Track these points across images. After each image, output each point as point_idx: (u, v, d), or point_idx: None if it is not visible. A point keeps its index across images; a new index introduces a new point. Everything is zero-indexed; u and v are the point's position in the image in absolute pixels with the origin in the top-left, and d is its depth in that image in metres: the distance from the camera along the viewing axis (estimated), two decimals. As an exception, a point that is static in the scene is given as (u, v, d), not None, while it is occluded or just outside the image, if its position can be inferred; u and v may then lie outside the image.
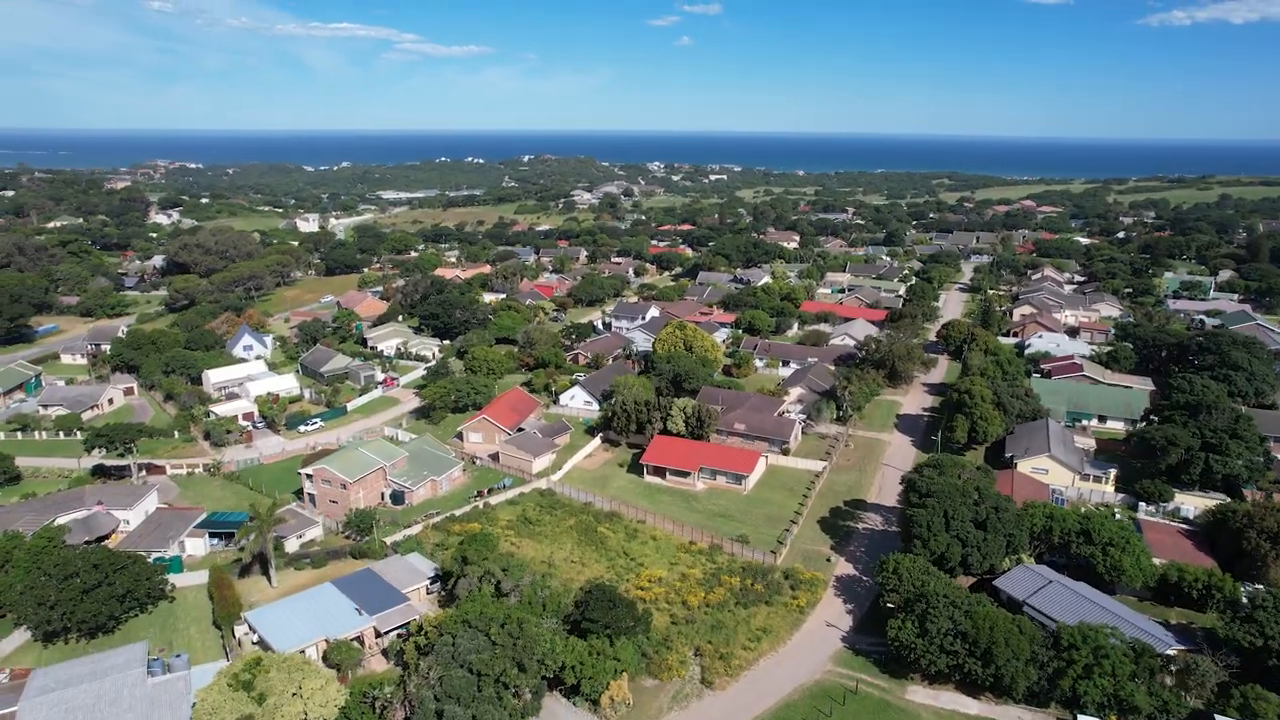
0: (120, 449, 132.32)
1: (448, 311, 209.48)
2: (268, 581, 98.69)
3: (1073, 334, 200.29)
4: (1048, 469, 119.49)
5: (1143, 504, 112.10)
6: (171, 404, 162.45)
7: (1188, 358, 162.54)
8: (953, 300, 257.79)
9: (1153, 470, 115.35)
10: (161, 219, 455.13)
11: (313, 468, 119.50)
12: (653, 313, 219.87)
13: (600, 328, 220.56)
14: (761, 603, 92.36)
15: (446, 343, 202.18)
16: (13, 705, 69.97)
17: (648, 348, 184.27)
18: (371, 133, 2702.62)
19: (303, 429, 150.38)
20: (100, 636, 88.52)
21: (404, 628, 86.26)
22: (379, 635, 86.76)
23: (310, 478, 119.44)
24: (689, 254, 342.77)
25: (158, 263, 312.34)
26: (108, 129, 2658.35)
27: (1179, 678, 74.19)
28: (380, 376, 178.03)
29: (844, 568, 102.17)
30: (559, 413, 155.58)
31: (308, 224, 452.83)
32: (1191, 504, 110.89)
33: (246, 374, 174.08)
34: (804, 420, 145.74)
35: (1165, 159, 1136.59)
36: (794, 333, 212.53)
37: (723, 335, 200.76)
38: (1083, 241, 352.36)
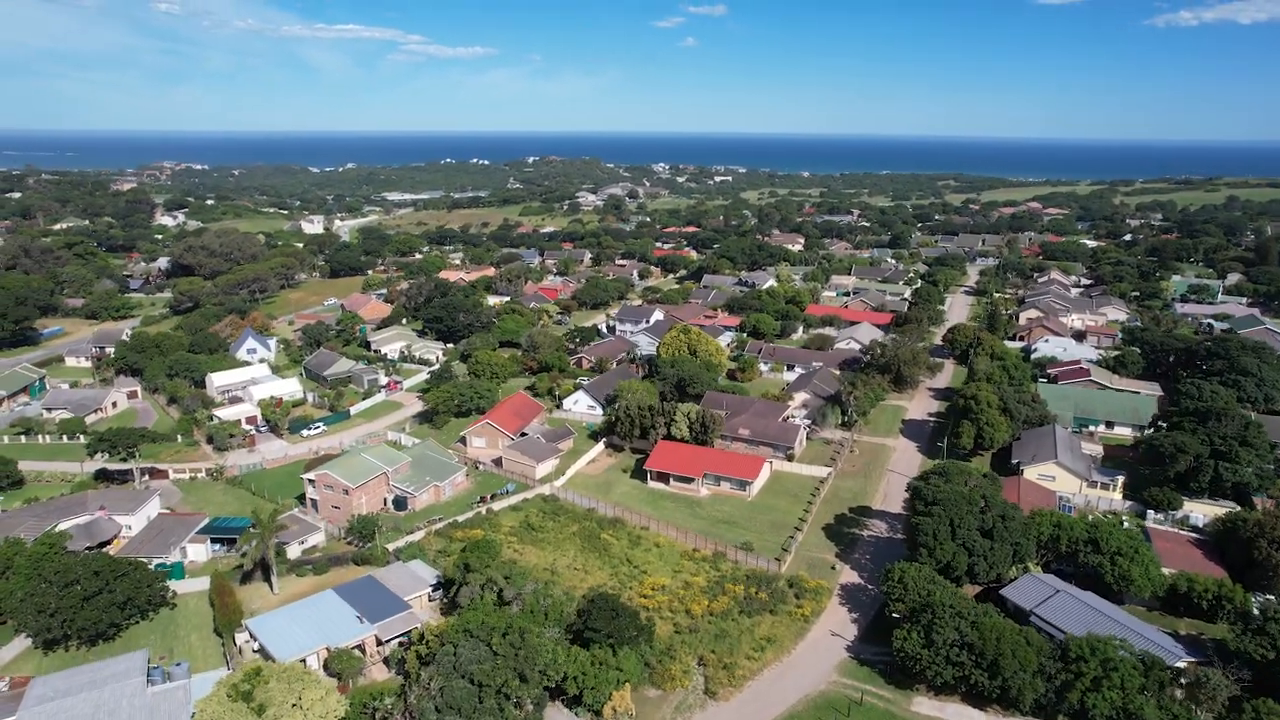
0: (123, 453, 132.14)
1: (451, 315, 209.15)
2: (269, 588, 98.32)
3: (1079, 338, 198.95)
4: (1055, 476, 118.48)
5: (1151, 512, 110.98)
6: (175, 407, 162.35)
7: (1196, 363, 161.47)
8: (958, 303, 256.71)
9: (1161, 477, 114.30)
10: (167, 221, 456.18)
11: (315, 473, 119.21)
12: (657, 316, 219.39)
13: (604, 331, 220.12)
14: (766, 611, 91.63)
15: (450, 346, 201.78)
16: (11, 715, 69.61)
17: (652, 351, 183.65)
18: (377, 134, 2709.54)
19: (305, 433, 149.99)
20: (101, 644, 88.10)
21: (406, 636, 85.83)
22: (380, 643, 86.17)
23: (313, 483, 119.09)
24: (693, 256, 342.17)
25: (162, 265, 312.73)
26: (114, 130, 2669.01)
27: (1189, 691, 73.30)
28: (383, 380, 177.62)
29: (849, 575, 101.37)
30: (562, 417, 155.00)
31: (312, 226, 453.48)
32: (1201, 512, 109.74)
33: (250, 377, 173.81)
34: (809, 425, 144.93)
35: (1172, 160, 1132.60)
36: (799, 336, 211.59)
37: (727, 339, 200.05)
38: (1089, 244, 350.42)
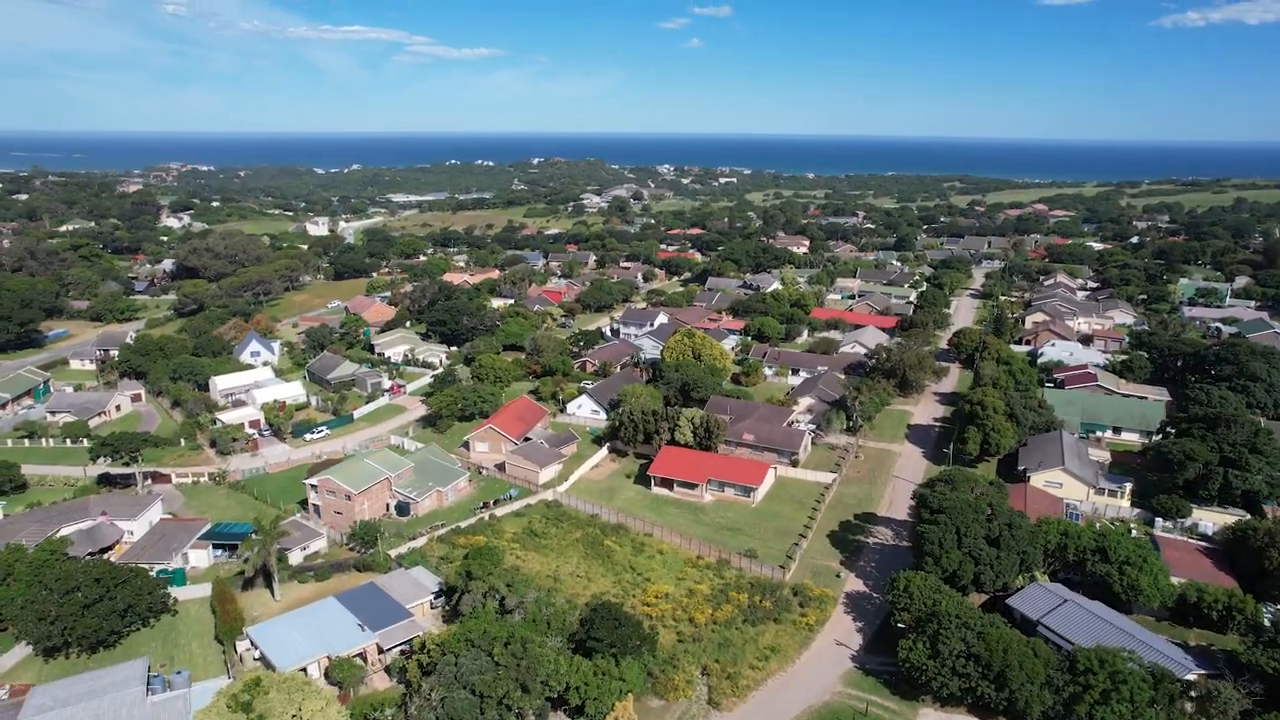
0: (125, 458, 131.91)
1: (455, 318, 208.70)
2: (271, 594, 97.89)
3: (1086, 342, 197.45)
4: (1062, 482, 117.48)
5: (1160, 519, 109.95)
6: (179, 411, 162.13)
7: (1205, 367, 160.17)
8: (964, 306, 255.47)
9: (1170, 485, 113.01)
10: (173, 222, 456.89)
11: (318, 478, 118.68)
12: (661, 319, 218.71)
13: (608, 334, 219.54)
14: (770, 620, 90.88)
15: (454, 349, 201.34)
16: (11, 724, 69.30)
17: (656, 355, 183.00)
18: (382, 135, 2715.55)
19: (309, 437, 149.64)
20: (102, 651, 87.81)
21: (407, 644, 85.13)
22: (382, 652, 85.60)
23: (315, 488, 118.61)
24: (698, 259, 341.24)
25: (167, 267, 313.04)
26: (121, 131, 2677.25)
27: (1200, 704, 72.25)
28: (387, 384, 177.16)
29: (854, 584, 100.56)
30: (566, 421, 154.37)
31: (317, 227, 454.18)
32: (1210, 520, 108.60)
33: (253, 380, 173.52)
34: (814, 431, 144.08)
35: (1179, 162, 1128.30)
36: (804, 340, 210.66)
37: (731, 342, 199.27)
38: (1096, 246, 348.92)
